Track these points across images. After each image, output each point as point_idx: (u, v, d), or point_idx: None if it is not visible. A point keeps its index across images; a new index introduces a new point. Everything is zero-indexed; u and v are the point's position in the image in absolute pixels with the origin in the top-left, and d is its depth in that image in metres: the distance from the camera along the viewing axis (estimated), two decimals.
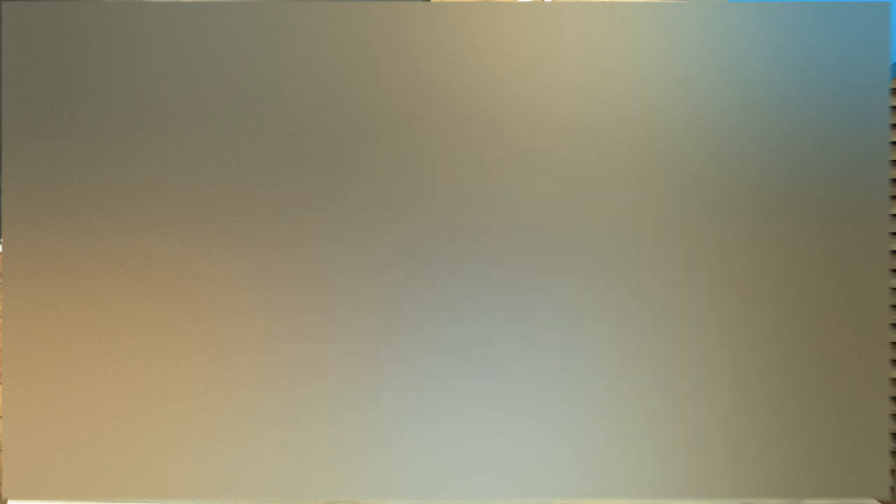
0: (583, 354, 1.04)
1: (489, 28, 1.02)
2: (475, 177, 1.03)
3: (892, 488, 1.15)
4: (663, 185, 1.03)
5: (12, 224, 1.03)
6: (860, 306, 1.03)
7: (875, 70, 1.02)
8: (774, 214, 1.03)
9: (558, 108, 1.03)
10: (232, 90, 1.03)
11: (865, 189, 1.02)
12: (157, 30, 1.02)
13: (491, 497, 1.05)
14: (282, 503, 1.08)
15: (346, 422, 1.05)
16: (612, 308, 1.04)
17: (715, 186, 1.03)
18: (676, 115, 1.02)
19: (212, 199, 1.03)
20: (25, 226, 1.03)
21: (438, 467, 1.05)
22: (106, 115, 1.03)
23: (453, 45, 1.02)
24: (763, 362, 1.04)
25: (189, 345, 1.04)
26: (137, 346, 1.04)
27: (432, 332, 1.04)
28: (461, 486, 1.05)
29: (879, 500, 1.08)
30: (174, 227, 1.03)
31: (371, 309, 1.04)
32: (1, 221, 1.07)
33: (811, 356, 1.04)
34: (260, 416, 1.05)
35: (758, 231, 1.03)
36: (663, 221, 1.03)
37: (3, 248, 1.04)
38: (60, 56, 1.02)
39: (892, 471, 1.15)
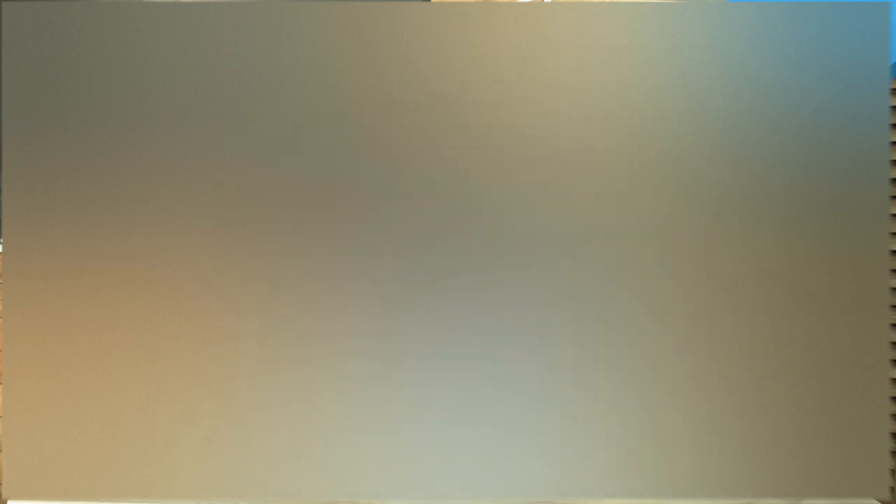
0: (583, 355, 1.04)
1: (489, 28, 1.02)
2: (475, 176, 1.03)
3: (892, 488, 1.15)
4: (663, 185, 1.03)
5: (12, 224, 1.03)
6: (860, 306, 1.03)
7: (875, 70, 1.02)
8: (774, 214, 1.03)
9: (558, 108, 1.03)
10: (232, 90, 1.03)
11: (865, 189, 1.02)
12: (157, 30, 1.02)
13: (491, 497, 1.05)
14: (282, 503, 1.08)
15: (346, 422, 1.05)
16: (612, 308, 1.04)
17: (715, 186, 1.03)
18: (676, 115, 1.03)
19: (211, 199, 1.03)
20: (25, 226, 1.03)
21: (438, 467, 1.05)
22: (106, 114, 1.03)
23: (453, 45, 1.02)
24: (763, 362, 1.04)
25: (189, 345, 1.04)
26: (137, 346, 1.04)
27: (433, 333, 1.04)
28: (461, 486, 1.05)
29: (879, 500, 1.08)
30: (174, 227, 1.03)
31: (372, 309, 1.04)
32: (1, 221, 1.07)
33: (811, 356, 1.04)
34: (260, 417, 1.05)
35: (758, 231, 1.03)
36: (663, 221, 1.03)
37: (3, 248, 1.04)
38: (60, 56, 1.02)
39: (892, 471, 1.15)
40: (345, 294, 1.04)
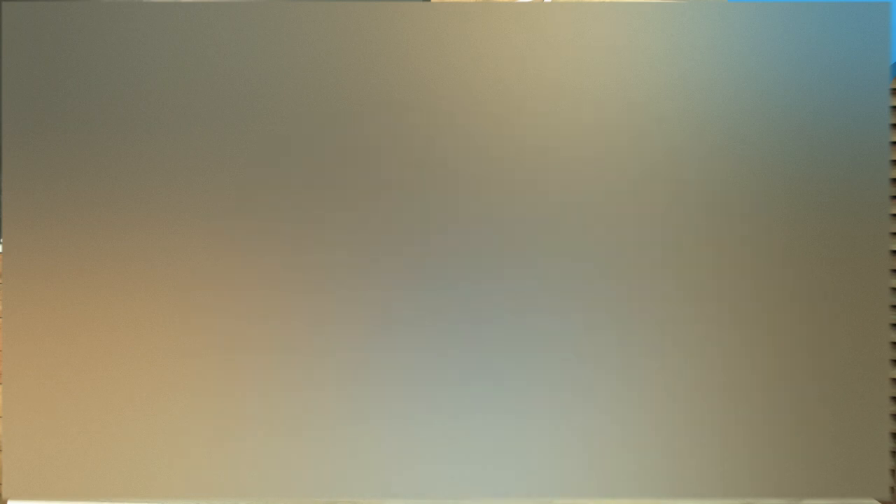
0: (583, 355, 1.04)
1: (489, 28, 1.02)
2: (475, 176, 1.03)
3: (892, 488, 1.15)
4: (663, 186, 1.03)
5: (12, 224, 1.03)
6: (860, 306, 1.03)
7: (875, 70, 1.02)
8: (774, 214, 1.03)
9: (558, 108, 1.03)
10: (232, 90, 1.03)
11: (865, 189, 1.02)
12: (157, 30, 1.02)
13: (491, 497, 1.05)
14: (281, 503, 1.08)
15: (346, 422, 1.05)
16: (612, 308, 1.04)
17: (715, 186, 1.03)
18: (676, 116, 1.03)
19: (211, 198, 1.03)
20: (25, 226, 1.03)
21: (438, 467, 1.05)
22: (106, 114, 1.03)
23: (453, 45, 1.02)
24: (763, 362, 1.04)
25: (189, 345, 1.04)
26: (137, 346, 1.04)
27: (433, 333, 1.04)
28: (461, 486, 1.05)
29: (879, 500, 1.08)
30: (174, 227, 1.03)
31: (373, 310, 1.04)
32: (1, 221, 1.07)
33: (811, 356, 1.04)
34: (259, 417, 1.05)
35: (758, 231, 1.03)
36: (663, 222, 1.03)
37: (3, 248, 1.04)
38: (60, 56, 1.02)
39: (892, 471, 1.15)
40: (345, 293, 1.04)
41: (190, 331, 1.04)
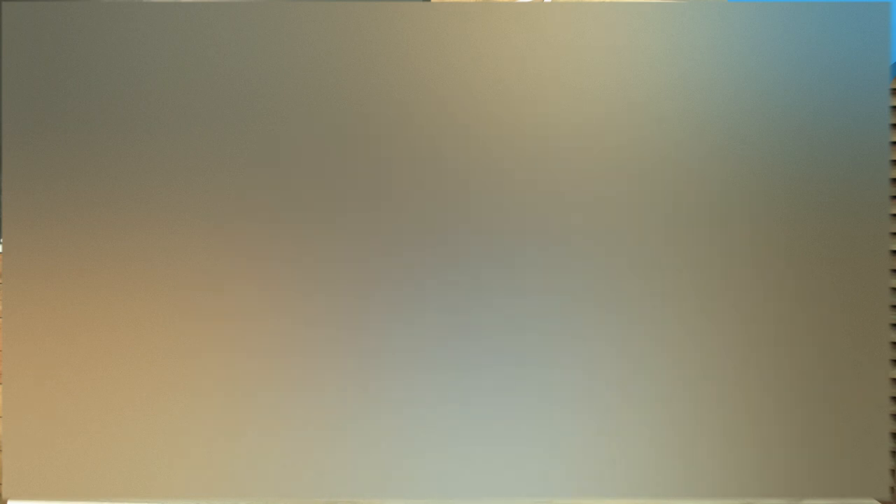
0: (583, 356, 1.04)
1: (489, 28, 1.02)
2: (475, 176, 1.03)
3: (892, 488, 1.15)
4: (663, 186, 1.03)
5: (12, 224, 1.03)
6: (860, 306, 1.03)
7: (875, 70, 1.02)
8: (774, 214, 1.03)
9: (558, 109, 1.03)
10: (232, 90, 1.03)
11: (865, 189, 1.02)
12: (157, 30, 1.02)
13: (491, 497, 1.05)
14: (281, 503, 1.08)
15: (346, 422, 1.05)
16: (612, 309, 1.04)
17: (715, 187, 1.03)
18: (676, 116, 1.03)
19: (212, 199, 1.03)
20: (25, 226, 1.03)
21: (438, 467, 1.05)
22: (106, 114, 1.03)
23: (453, 45, 1.02)
24: (763, 362, 1.04)
25: (189, 345, 1.04)
26: (137, 346, 1.04)
27: (433, 334, 1.04)
28: (461, 486, 1.05)
29: (879, 500, 1.08)
30: (175, 227, 1.03)
31: (373, 310, 1.04)
32: (1, 221, 1.07)
33: (811, 356, 1.04)
34: (259, 417, 1.05)
35: (758, 231, 1.03)
36: (663, 222, 1.03)
37: (3, 248, 1.04)
38: (60, 56, 1.02)
39: (892, 471, 1.15)
40: (345, 293, 1.04)
41: (190, 331, 1.04)
